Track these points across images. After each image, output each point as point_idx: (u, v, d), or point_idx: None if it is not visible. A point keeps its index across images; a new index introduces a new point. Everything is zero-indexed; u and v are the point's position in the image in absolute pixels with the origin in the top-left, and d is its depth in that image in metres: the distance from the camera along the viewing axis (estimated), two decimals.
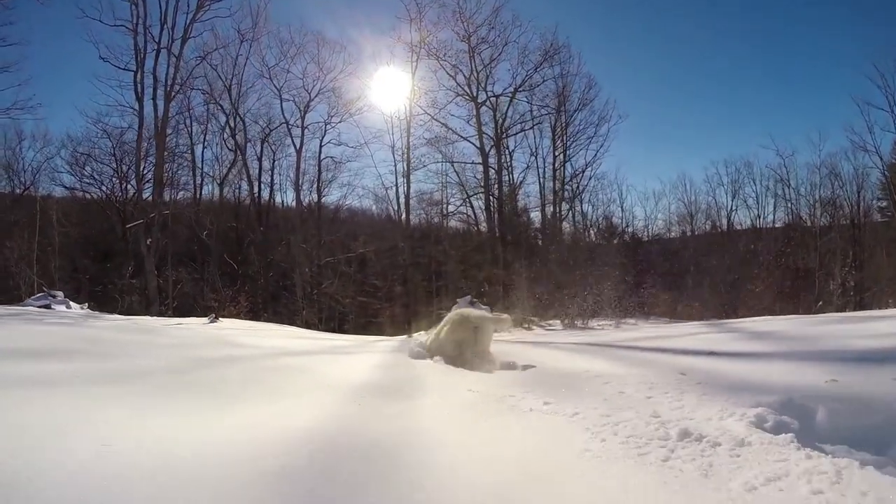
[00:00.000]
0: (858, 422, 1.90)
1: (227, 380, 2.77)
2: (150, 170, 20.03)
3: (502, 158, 23.54)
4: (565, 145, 24.28)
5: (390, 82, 22.15)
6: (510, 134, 23.88)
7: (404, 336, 10.93)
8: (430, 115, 22.57)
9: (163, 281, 19.04)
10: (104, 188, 23.66)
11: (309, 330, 13.12)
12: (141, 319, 9.06)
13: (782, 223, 28.13)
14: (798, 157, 30.42)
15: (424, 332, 13.56)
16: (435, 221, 25.59)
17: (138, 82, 18.53)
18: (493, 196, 23.25)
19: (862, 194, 25.43)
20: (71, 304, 11.25)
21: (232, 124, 22.59)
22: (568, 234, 26.56)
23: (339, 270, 22.41)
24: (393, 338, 9.64)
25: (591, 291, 20.58)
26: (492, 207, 23.28)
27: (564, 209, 25.81)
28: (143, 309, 16.85)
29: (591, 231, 28.38)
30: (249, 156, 23.53)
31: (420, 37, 20.81)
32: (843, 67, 35.21)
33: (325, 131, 23.34)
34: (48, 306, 10.22)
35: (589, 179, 25.92)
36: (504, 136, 23.52)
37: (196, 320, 10.12)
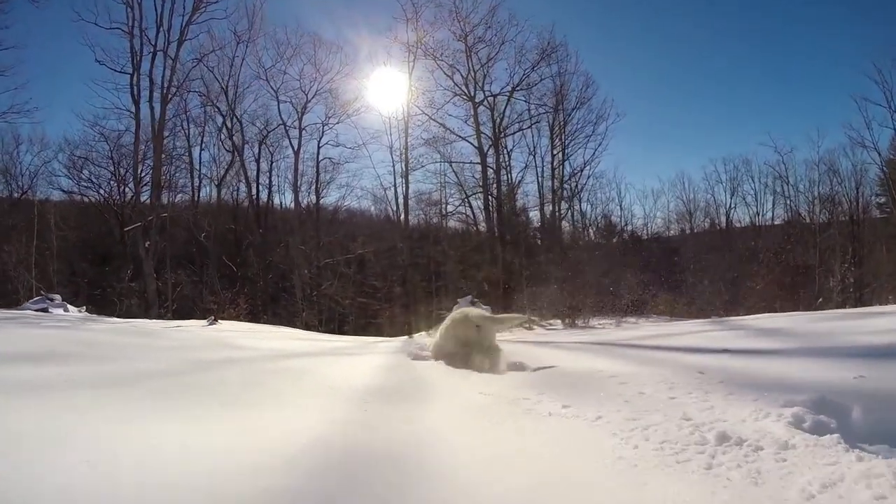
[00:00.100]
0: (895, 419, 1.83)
1: (227, 383, 2.67)
2: (148, 172, 19.98)
3: (501, 158, 23.50)
4: (564, 144, 24.24)
5: (387, 83, 22.08)
6: (508, 133, 23.85)
7: (405, 337, 10.87)
8: (428, 116, 22.54)
9: (161, 284, 18.96)
10: (102, 191, 23.60)
11: (309, 331, 13.05)
12: (139, 322, 8.99)
13: (781, 220, 28.19)
14: (797, 154, 30.45)
15: (425, 332, 13.55)
16: (434, 222, 25.56)
17: (135, 85, 18.44)
18: (492, 196, 23.20)
19: (861, 190, 25.51)
20: (69, 307, 11.20)
21: (229, 125, 22.56)
22: (567, 233, 26.55)
23: (338, 271, 22.35)
24: (394, 339, 9.59)
25: (591, 291, 20.55)
26: (490, 207, 23.24)
27: (563, 208, 25.79)
28: (142, 312, 16.79)
29: (591, 230, 28.38)
30: (247, 158, 23.50)
31: (417, 37, 20.76)
32: (841, 65, 35.36)
33: (323, 132, 23.32)
34: (46, 310, 10.18)
35: (587, 178, 25.94)
36: (502, 136, 23.48)
37: (195, 323, 10.06)
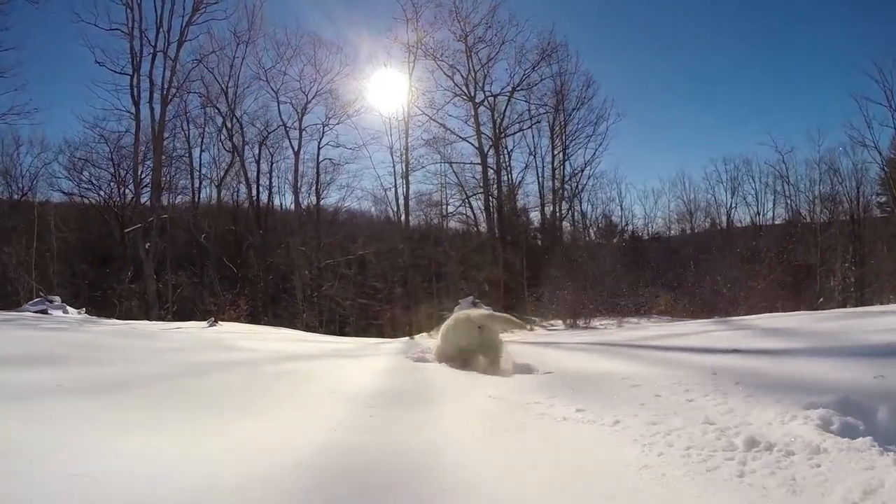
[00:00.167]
0: None
1: (226, 388, 2.56)
2: (148, 174, 19.95)
3: (501, 158, 23.49)
4: (564, 144, 24.24)
5: (387, 83, 22.08)
6: (508, 133, 23.83)
7: (407, 338, 10.84)
8: (428, 116, 22.52)
9: (162, 285, 18.94)
10: (102, 193, 23.56)
11: (310, 333, 13.01)
12: (139, 324, 8.95)
13: (782, 220, 28.14)
14: (797, 153, 30.42)
15: (427, 333, 13.52)
16: (434, 222, 25.52)
17: (135, 86, 18.42)
18: (493, 196, 23.18)
19: (861, 190, 25.47)
20: (68, 308, 11.17)
21: (229, 125, 22.53)
22: (568, 233, 26.52)
23: (338, 273, 22.32)
24: (396, 340, 9.55)
25: (592, 291, 20.49)
26: (491, 208, 23.21)
27: (564, 208, 25.77)
28: (142, 313, 16.77)
29: (591, 230, 28.34)
30: (248, 158, 23.48)
31: (417, 37, 20.75)
32: (842, 64, 35.20)
33: (323, 133, 23.28)
34: (45, 311, 10.15)
35: (588, 178, 25.90)
36: (502, 136, 23.47)
37: (195, 324, 10.03)
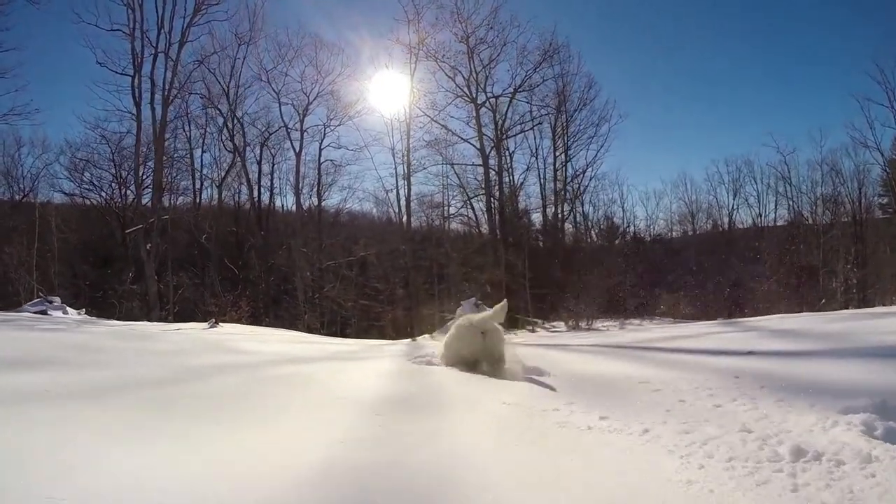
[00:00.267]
0: None
1: (224, 392, 2.41)
2: (150, 175, 19.92)
3: (503, 160, 23.45)
4: (566, 145, 24.20)
5: (389, 84, 22.11)
6: (510, 135, 23.79)
7: (409, 340, 10.79)
8: (430, 117, 22.49)
9: (163, 286, 18.91)
10: (103, 194, 23.57)
11: (311, 334, 12.95)
12: (138, 325, 8.89)
13: (784, 221, 28.07)
14: (799, 154, 30.38)
15: (429, 335, 13.45)
16: (436, 224, 25.49)
17: (136, 87, 18.44)
18: (494, 198, 23.13)
19: (863, 191, 25.41)
20: (68, 309, 11.14)
21: (230, 125, 22.51)
22: (569, 234, 26.47)
23: (340, 274, 22.28)
24: (399, 342, 9.49)
25: (594, 292, 20.43)
26: (493, 209, 23.16)
27: (566, 210, 25.72)
28: (143, 314, 16.74)
29: (593, 232, 28.28)
30: (249, 160, 23.47)
31: (418, 38, 20.75)
32: (844, 65, 35.22)
33: (325, 134, 23.25)
34: (45, 312, 10.12)
35: (590, 180, 25.85)
36: (504, 138, 23.43)
37: (196, 325, 9.97)
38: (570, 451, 1.66)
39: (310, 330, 17.09)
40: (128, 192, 22.67)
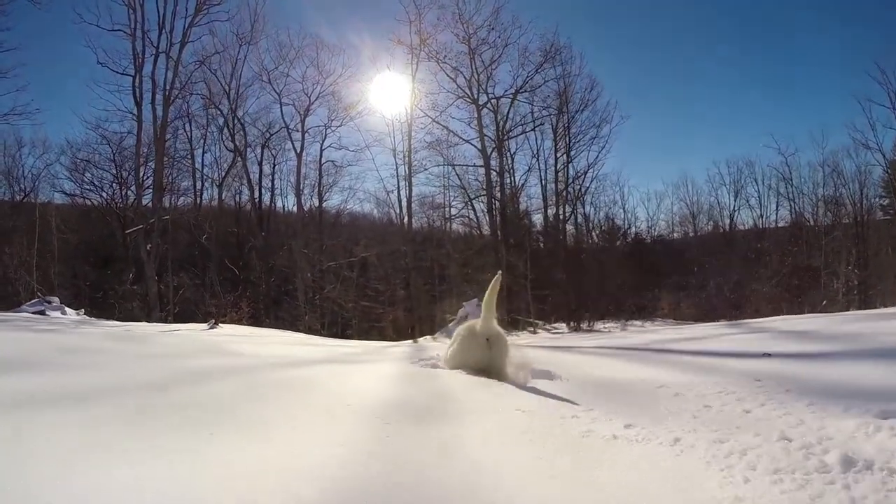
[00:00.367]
0: None
1: (218, 399, 2.21)
2: (150, 175, 19.89)
3: (504, 161, 23.41)
4: (568, 146, 24.13)
5: (390, 85, 22.09)
6: (511, 136, 23.74)
7: (411, 341, 10.74)
8: (431, 118, 22.45)
9: (164, 287, 18.86)
10: (104, 194, 23.54)
11: (312, 336, 12.89)
12: (137, 326, 8.82)
13: (785, 222, 28.03)
14: (801, 155, 30.22)
15: (430, 336, 13.40)
16: (437, 225, 25.45)
17: (137, 87, 18.44)
18: (496, 199, 23.09)
19: (864, 192, 25.34)
20: (66, 309, 11.11)
21: (230, 125, 22.48)
22: (571, 236, 26.40)
23: (341, 275, 22.24)
24: (401, 343, 9.43)
25: (595, 294, 20.41)
26: (494, 210, 23.12)
27: (567, 211, 25.65)
28: (144, 315, 16.70)
29: (594, 233, 28.21)
30: (250, 160, 23.45)
31: (420, 39, 20.73)
32: (845, 66, 35.19)
33: (326, 135, 23.23)
34: (43, 312, 10.10)
35: (591, 181, 25.74)
36: (505, 139, 23.39)
37: (196, 326, 9.93)
38: (600, 464, 1.52)
39: (310, 331, 17.04)
40: (128, 192, 22.68)
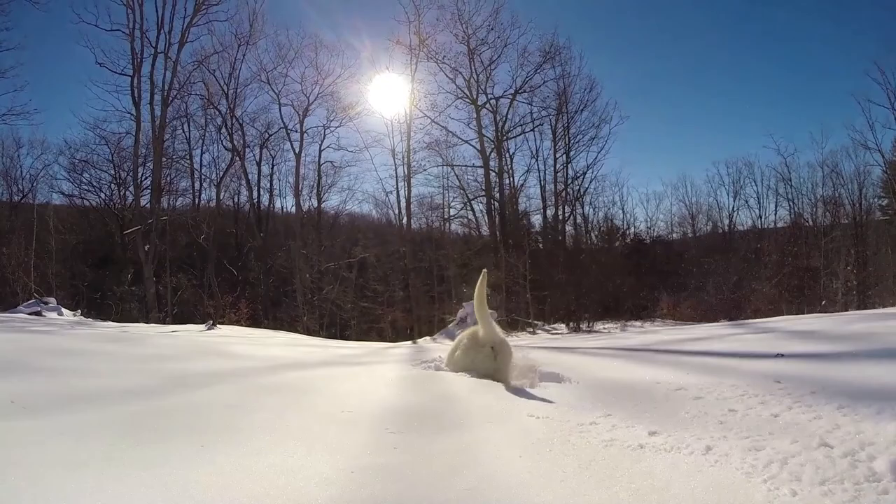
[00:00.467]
0: None
1: (211, 407, 2.08)
2: (149, 175, 19.84)
3: (503, 161, 23.40)
4: (567, 147, 24.13)
5: (389, 86, 22.08)
6: (511, 136, 23.75)
7: (410, 342, 10.69)
8: (430, 119, 22.47)
9: (162, 288, 18.78)
10: (102, 195, 23.49)
11: (311, 337, 12.81)
12: (133, 327, 8.72)
13: (784, 223, 28.04)
14: (800, 155, 30.36)
15: (429, 337, 13.34)
16: (436, 225, 25.44)
17: (135, 87, 18.41)
18: (495, 199, 23.08)
19: (863, 192, 25.37)
20: (63, 310, 11.05)
21: (229, 125, 22.43)
22: (570, 236, 26.39)
23: (339, 276, 22.19)
24: (400, 344, 9.37)
25: (594, 294, 20.37)
26: (493, 211, 23.11)
27: (566, 211, 25.65)
28: (142, 316, 16.62)
29: (593, 234, 28.20)
30: (248, 160, 23.42)
31: (419, 39, 20.73)
32: (845, 66, 35.25)
33: (325, 136, 23.25)
34: (39, 313, 10.05)
35: (590, 181, 25.78)
36: (505, 139, 23.40)
37: (194, 327, 9.85)
38: (629, 480, 1.39)
39: (309, 332, 16.99)
40: (127, 192, 22.64)
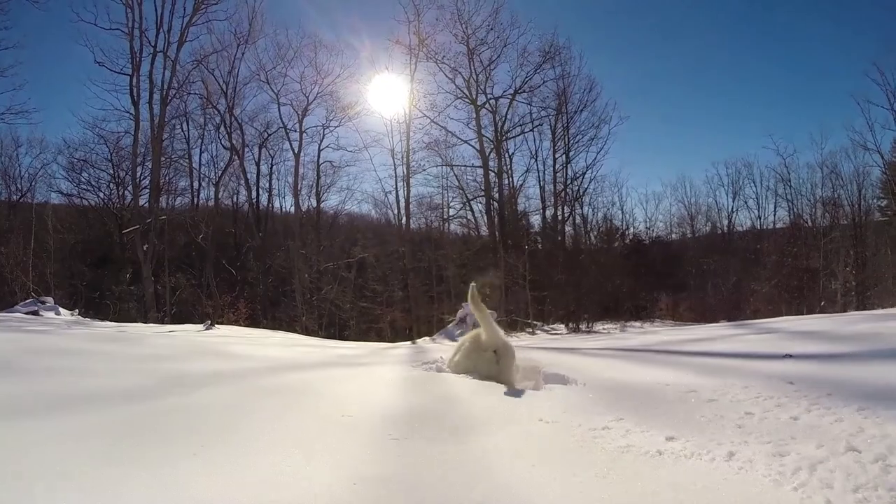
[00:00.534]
0: None
1: (206, 410, 2.01)
2: (147, 175, 19.81)
3: (502, 161, 23.37)
4: (566, 147, 24.11)
5: (389, 86, 22.06)
6: (510, 136, 23.73)
7: (410, 343, 10.66)
8: (430, 119, 22.45)
9: (160, 287, 18.73)
10: (101, 194, 23.43)
11: (310, 337, 12.77)
12: (131, 327, 8.67)
13: (783, 224, 28.06)
14: (799, 156, 30.36)
15: (428, 337, 13.30)
16: (435, 226, 25.40)
17: (134, 86, 18.36)
18: (494, 200, 23.05)
19: (862, 193, 25.38)
20: (60, 310, 11.00)
21: (228, 124, 22.39)
22: (569, 236, 26.38)
23: (338, 276, 22.15)
24: (400, 345, 9.33)
25: (594, 295, 20.36)
26: (492, 211, 23.08)
27: (565, 212, 25.63)
28: (140, 316, 16.57)
29: (592, 234, 28.19)
30: (248, 160, 23.39)
31: (418, 39, 20.70)
32: (844, 67, 35.30)
33: (324, 135, 23.20)
34: (36, 312, 10.00)
35: (590, 182, 25.76)
36: (504, 139, 23.37)
37: (192, 327, 9.80)
38: (651, 490, 1.30)
39: (308, 332, 16.96)
40: (125, 192, 22.58)
